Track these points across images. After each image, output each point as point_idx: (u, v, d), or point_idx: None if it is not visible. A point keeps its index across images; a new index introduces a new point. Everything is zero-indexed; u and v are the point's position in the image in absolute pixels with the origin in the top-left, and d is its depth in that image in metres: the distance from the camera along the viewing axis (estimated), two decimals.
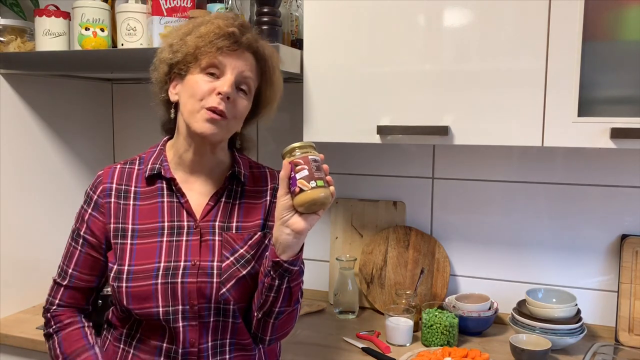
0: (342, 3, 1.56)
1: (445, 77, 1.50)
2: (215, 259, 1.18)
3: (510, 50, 1.44)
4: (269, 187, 1.29)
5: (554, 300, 1.69)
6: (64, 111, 2.07)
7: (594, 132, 1.40)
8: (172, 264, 1.17)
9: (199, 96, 1.14)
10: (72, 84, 2.10)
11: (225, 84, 1.13)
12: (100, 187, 1.24)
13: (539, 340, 1.54)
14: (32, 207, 1.96)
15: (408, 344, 1.67)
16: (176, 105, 1.21)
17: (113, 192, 1.23)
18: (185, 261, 1.17)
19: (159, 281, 1.15)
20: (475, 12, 1.46)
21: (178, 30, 1.21)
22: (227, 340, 1.20)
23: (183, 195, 1.22)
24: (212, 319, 1.18)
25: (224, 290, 1.16)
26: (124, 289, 1.16)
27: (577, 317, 1.64)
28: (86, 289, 1.27)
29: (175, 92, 1.21)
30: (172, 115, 1.23)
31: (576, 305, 1.65)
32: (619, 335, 1.67)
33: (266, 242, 1.23)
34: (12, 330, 1.78)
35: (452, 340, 1.63)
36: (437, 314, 1.66)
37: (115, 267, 1.19)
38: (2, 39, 1.84)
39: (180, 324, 1.16)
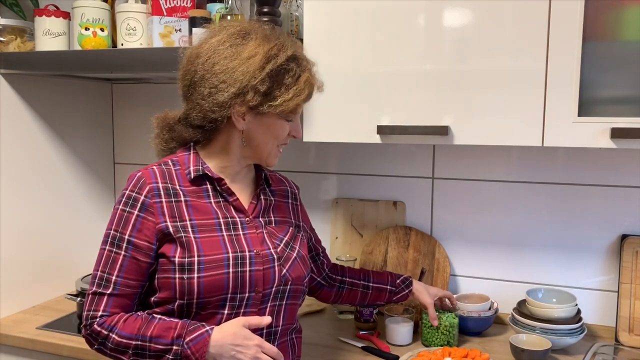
0: (342, 3, 1.56)
1: (445, 77, 1.50)
2: (271, 247, 1.27)
3: (510, 50, 1.44)
4: (289, 190, 1.43)
5: (554, 300, 1.69)
6: (64, 111, 2.07)
7: (594, 132, 1.40)
8: (239, 254, 1.22)
9: (281, 140, 1.28)
10: (72, 84, 2.10)
11: (299, 129, 1.30)
12: (147, 188, 1.21)
13: (539, 340, 1.54)
14: (31, 207, 1.96)
15: (408, 344, 1.67)
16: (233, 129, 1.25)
17: (162, 192, 1.21)
18: (249, 251, 1.24)
19: (230, 270, 1.20)
20: (475, 12, 1.46)
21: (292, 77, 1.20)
22: (277, 328, 1.28)
23: (232, 194, 1.28)
24: (269, 304, 1.25)
25: (284, 271, 1.26)
26: (195, 279, 1.17)
27: (577, 317, 1.63)
28: (132, 295, 1.21)
29: (244, 122, 1.22)
30: (244, 144, 1.25)
31: (576, 305, 1.65)
32: (619, 336, 1.67)
33: (299, 235, 1.37)
34: (12, 330, 1.78)
35: (452, 340, 1.63)
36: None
37: (183, 259, 1.18)
38: (2, 39, 1.84)
39: (242, 310, 1.22)
